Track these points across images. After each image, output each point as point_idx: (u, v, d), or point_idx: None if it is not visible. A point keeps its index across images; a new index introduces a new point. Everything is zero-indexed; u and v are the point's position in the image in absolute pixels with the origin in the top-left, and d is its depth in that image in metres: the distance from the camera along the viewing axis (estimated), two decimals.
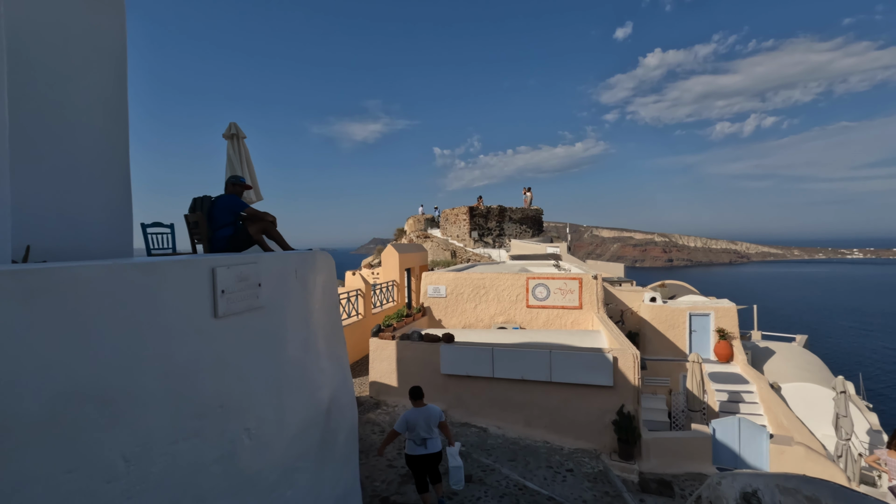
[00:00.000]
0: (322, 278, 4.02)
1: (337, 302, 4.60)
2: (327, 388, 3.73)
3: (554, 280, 12.54)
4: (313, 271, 3.77)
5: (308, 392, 3.35)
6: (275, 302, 3.02)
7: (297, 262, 3.38)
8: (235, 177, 5.22)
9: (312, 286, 3.70)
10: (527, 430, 8.81)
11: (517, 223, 34.41)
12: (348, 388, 4.49)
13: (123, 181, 3.76)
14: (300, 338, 3.33)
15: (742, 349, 14.59)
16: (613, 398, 8.28)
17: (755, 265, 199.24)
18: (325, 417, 3.57)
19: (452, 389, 9.33)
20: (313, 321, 3.64)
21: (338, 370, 4.15)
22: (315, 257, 3.87)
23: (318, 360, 3.62)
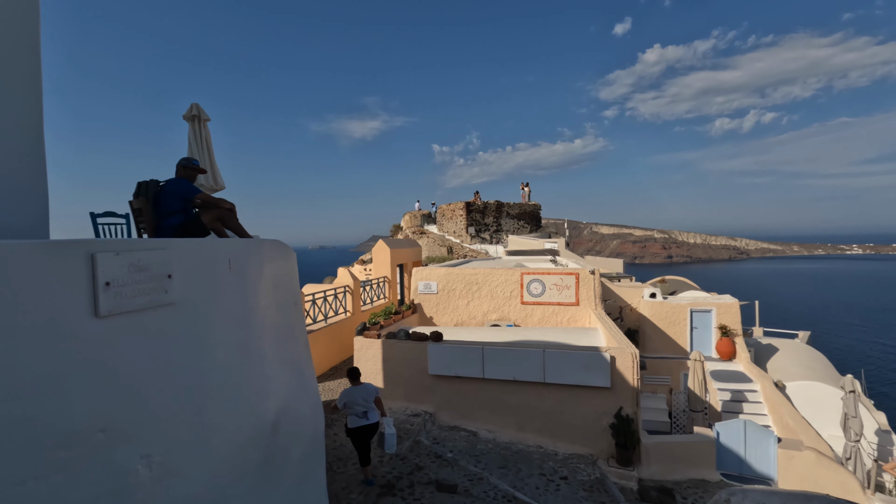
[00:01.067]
0: (272, 271, 3.49)
1: (296, 299, 4.07)
2: (275, 397, 3.20)
3: (549, 276, 12.01)
4: (258, 262, 3.24)
5: (245, 404, 2.82)
6: (195, 297, 2.49)
7: (231, 251, 2.85)
8: (187, 159, 4.68)
9: (256, 279, 3.16)
10: (519, 434, 8.30)
11: (515, 219, 33.86)
12: (309, 397, 3.96)
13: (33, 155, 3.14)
14: (235, 340, 2.80)
15: (745, 346, 14.08)
16: (611, 400, 7.76)
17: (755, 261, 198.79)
18: (269, 433, 3.04)
19: (441, 391, 8.82)
20: (257, 320, 3.11)
21: (293, 376, 3.62)
22: (261, 246, 3.33)
23: (262, 365, 3.09)
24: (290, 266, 4.07)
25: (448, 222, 33.55)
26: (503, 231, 32.92)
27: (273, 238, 4.02)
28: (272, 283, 3.48)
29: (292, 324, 3.86)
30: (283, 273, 3.75)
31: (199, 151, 5.87)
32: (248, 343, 2.99)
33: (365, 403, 6.05)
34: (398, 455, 7.14)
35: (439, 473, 6.69)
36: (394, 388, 9.16)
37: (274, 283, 3.53)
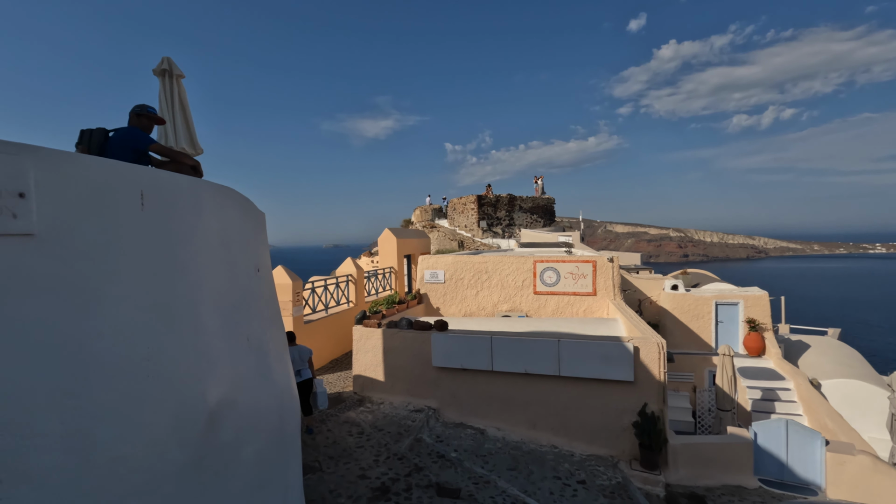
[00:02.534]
0: (220, 224, 2.78)
1: (259, 265, 3.36)
2: (217, 382, 2.49)
3: (565, 263, 11.20)
4: (194, 209, 2.53)
5: (162, 387, 2.12)
6: (74, 232, 1.80)
7: (146, 183, 2.14)
8: (141, 106, 4.01)
9: (189, 228, 2.46)
10: (531, 432, 7.53)
11: (528, 213, 32.97)
12: (273, 385, 3.25)
13: None
14: (148, 299, 2.10)
15: (775, 342, 13.11)
16: (634, 395, 6.96)
17: (773, 260, 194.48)
18: (204, 428, 2.33)
19: (445, 385, 8.08)
20: (190, 280, 2.41)
21: (248, 358, 2.91)
22: (200, 189, 2.62)
23: (195, 338, 2.38)
24: (252, 225, 3.37)
25: (459, 216, 32.79)
26: (516, 225, 32.07)
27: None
28: (219, 238, 2.78)
29: (252, 294, 3.15)
30: (237, 230, 3.05)
31: (170, 110, 5.21)
32: (173, 307, 2.28)
33: (300, 362, 6.90)
34: (395, 454, 6.43)
35: (441, 475, 5.95)
36: (395, 382, 8.45)
37: (222, 239, 2.82)
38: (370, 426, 7.36)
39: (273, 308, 3.65)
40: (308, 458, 6.21)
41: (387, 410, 8.01)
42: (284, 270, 9.71)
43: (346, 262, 12.73)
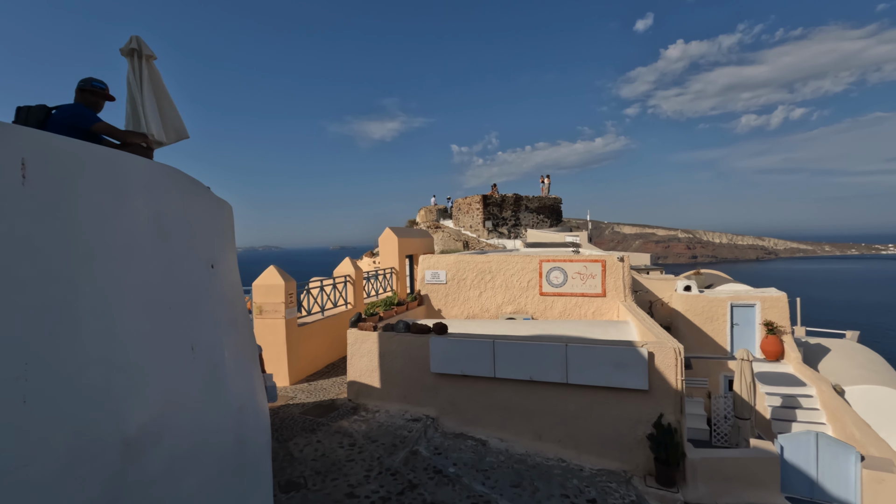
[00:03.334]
0: (156, 209, 2.30)
1: (214, 259, 2.87)
2: (141, 400, 2.00)
3: (572, 263, 10.65)
4: (113, 186, 2.04)
5: (48, 412, 1.63)
6: None
7: (24, 146, 1.64)
8: (86, 80, 3.55)
9: (103, 212, 1.96)
10: (536, 444, 6.99)
11: (534, 212, 32.40)
12: (229, 398, 2.75)
13: None
14: (25, 302, 1.61)
15: (794, 345, 12.47)
16: (649, 405, 6.40)
17: (784, 261, 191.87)
18: (119, 458, 1.84)
19: (445, 392, 7.56)
20: (102, 276, 1.92)
21: (193, 369, 2.41)
22: (120, 163, 2.12)
23: (108, 347, 1.89)
24: (206, 215, 2.87)
25: (464, 216, 32.28)
26: (522, 225, 31.50)
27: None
28: (153, 226, 2.28)
29: (201, 293, 2.65)
30: (181, 218, 2.55)
31: (139, 93, 4.74)
32: (73, 309, 1.78)
33: None
34: (389, 469, 5.91)
35: (436, 494, 5.43)
36: (391, 388, 7.94)
37: (159, 227, 2.32)
38: (363, 437, 6.85)
39: (234, 311, 3.15)
40: (293, 474, 5.72)
41: (382, 419, 7.50)
42: (277, 271, 9.24)
43: (344, 262, 12.25)
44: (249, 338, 3.41)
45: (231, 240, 3.73)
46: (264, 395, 3.58)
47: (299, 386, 9.14)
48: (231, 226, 3.61)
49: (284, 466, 5.90)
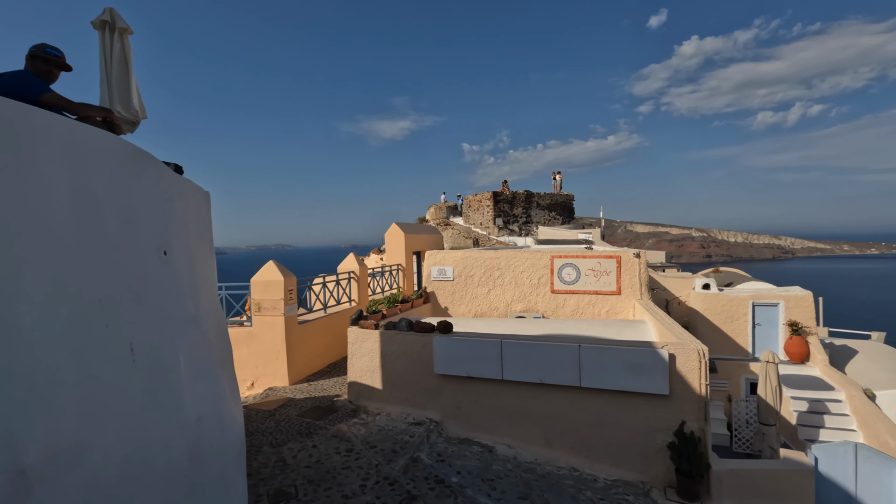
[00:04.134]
0: (74, 178, 1.87)
1: (168, 245, 2.46)
2: (43, 417, 1.59)
3: (585, 259, 10.14)
4: (10, 144, 1.62)
5: None
6: None
7: None
8: (41, 46, 3.16)
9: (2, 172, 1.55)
10: (547, 451, 6.53)
11: (545, 209, 31.81)
12: (181, 410, 2.33)
13: None
14: None
15: (821, 347, 11.81)
16: (669, 411, 5.90)
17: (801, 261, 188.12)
18: (9, 481, 1.43)
19: (449, 395, 7.13)
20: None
21: (130, 376, 2.00)
22: (34, 119, 1.71)
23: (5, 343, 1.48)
24: (158, 194, 2.46)
25: (474, 214, 31.80)
26: (533, 223, 30.93)
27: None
28: (81, 202, 1.87)
29: (148, 285, 2.24)
30: (124, 197, 2.14)
31: (108, 68, 4.37)
32: None
33: None
34: (387, 477, 5.49)
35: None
36: (393, 390, 7.53)
37: (89, 205, 1.91)
38: (362, 442, 6.44)
39: (197, 306, 2.74)
40: (284, 482, 5.33)
41: (383, 423, 7.09)
42: (276, 266, 8.87)
43: (348, 258, 11.86)
44: (218, 338, 3.00)
45: (206, 228, 3.32)
46: (238, 402, 3.17)
47: (299, 386, 8.76)
48: (207, 213, 3.21)
49: (276, 474, 5.51)
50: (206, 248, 3.18)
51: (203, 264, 3.04)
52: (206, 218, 3.24)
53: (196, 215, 3.02)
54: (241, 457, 3.02)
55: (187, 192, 2.89)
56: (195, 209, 3.02)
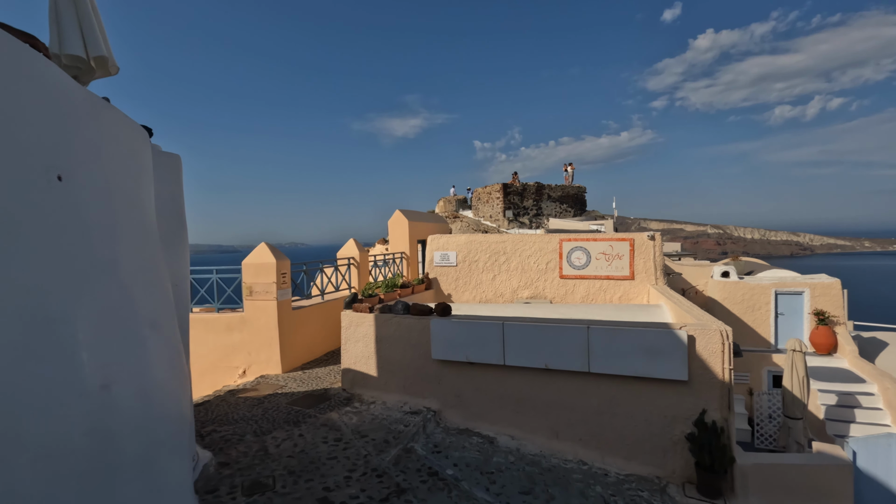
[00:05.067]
0: None
1: (65, 168, 1.98)
2: None
3: (596, 242, 9.55)
4: None
5: None
6: None
7: None
8: None
9: None
10: (553, 442, 5.99)
11: (557, 202, 31.13)
12: (81, 363, 1.85)
13: None
14: None
15: (850, 338, 11.09)
16: (688, 399, 5.33)
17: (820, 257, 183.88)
18: None
19: (448, 382, 6.62)
20: None
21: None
22: None
23: None
24: (64, 106, 1.97)
25: (484, 206, 31.24)
26: (544, 215, 30.29)
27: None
28: None
29: (22, 216, 1.75)
30: None
31: (54, 8, 3.92)
32: None
33: None
34: (375, 469, 5.00)
35: (427, 502, 4.50)
36: (389, 377, 7.05)
37: None
38: (352, 431, 5.97)
39: (119, 254, 2.26)
40: (263, 472, 4.87)
41: (377, 412, 6.61)
42: (268, 248, 8.44)
43: (348, 243, 11.41)
44: (153, 297, 2.53)
45: (145, 172, 2.85)
46: (181, 374, 2.70)
47: (293, 374, 8.33)
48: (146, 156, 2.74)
49: (255, 464, 5.05)
50: (145, 194, 2.72)
51: (137, 211, 2.58)
52: (145, 162, 2.77)
53: (126, 152, 2.55)
54: (179, 439, 2.56)
55: (109, 120, 2.41)
56: (126, 145, 2.55)
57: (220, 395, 7.34)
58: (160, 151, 4.69)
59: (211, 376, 8.50)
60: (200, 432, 5.92)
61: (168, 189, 4.66)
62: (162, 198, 4.57)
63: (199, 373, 8.64)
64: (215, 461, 5.14)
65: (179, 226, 4.79)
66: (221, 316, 8.53)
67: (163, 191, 4.59)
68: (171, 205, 4.71)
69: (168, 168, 4.72)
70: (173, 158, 4.82)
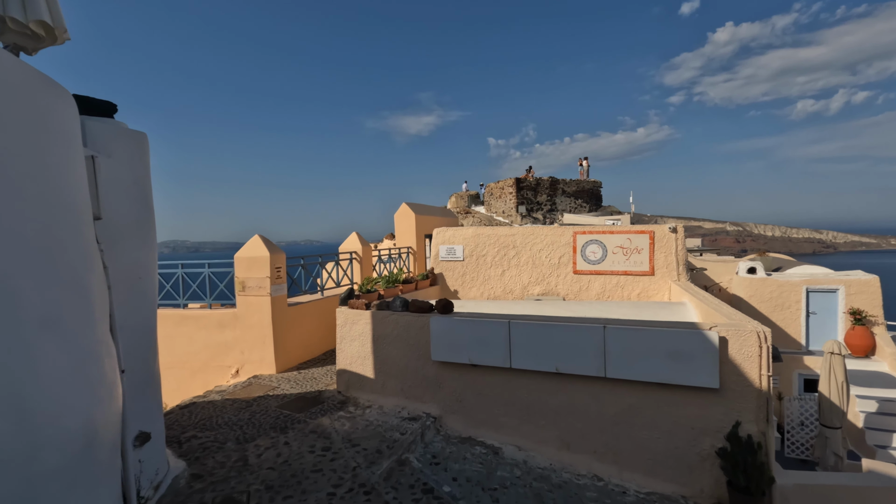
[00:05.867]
0: None
1: None
2: None
3: (613, 235, 8.90)
4: None
5: None
6: None
7: None
8: None
9: None
10: (564, 454, 5.39)
11: (571, 197, 30.32)
12: None
13: None
14: None
15: (889, 339, 10.25)
16: (720, 409, 4.69)
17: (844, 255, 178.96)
18: None
19: (449, 385, 6.06)
20: None
21: None
22: None
23: None
24: None
25: (496, 202, 30.57)
26: (558, 210, 29.50)
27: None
28: None
29: None
30: None
31: None
32: None
33: None
34: (363, 484, 4.46)
35: None
36: (386, 380, 6.51)
37: None
38: (343, 439, 5.44)
39: None
40: (238, 487, 4.36)
41: (372, 417, 6.07)
42: (262, 240, 7.96)
43: (350, 237, 10.90)
44: (45, 283, 2.01)
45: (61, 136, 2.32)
46: (89, 381, 2.17)
47: (287, 375, 7.84)
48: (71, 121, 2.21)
49: (231, 476, 4.55)
50: (57, 163, 2.20)
51: (38, 184, 2.06)
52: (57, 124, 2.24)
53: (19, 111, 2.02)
54: (85, 467, 2.03)
55: None
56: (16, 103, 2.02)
57: (207, 397, 6.89)
58: (123, 130, 4.20)
59: (203, 376, 8.07)
60: (179, 438, 5.45)
61: (130, 172, 4.17)
62: (123, 181, 4.09)
63: (191, 372, 8.21)
64: (188, 472, 4.66)
65: (144, 212, 4.29)
66: (213, 312, 8.08)
67: (124, 174, 4.11)
68: (135, 189, 4.21)
69: (131, 148, 4.22)
70: (138, 137, 4.32)
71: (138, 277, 4.15)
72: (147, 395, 4.25)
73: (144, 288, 4.20)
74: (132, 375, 3.89)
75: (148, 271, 4.28)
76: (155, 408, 4.35)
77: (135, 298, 4.08)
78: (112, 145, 4.01)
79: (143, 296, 4.17)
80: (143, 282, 4.18)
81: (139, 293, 4.14)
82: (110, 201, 3.85)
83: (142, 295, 4.16)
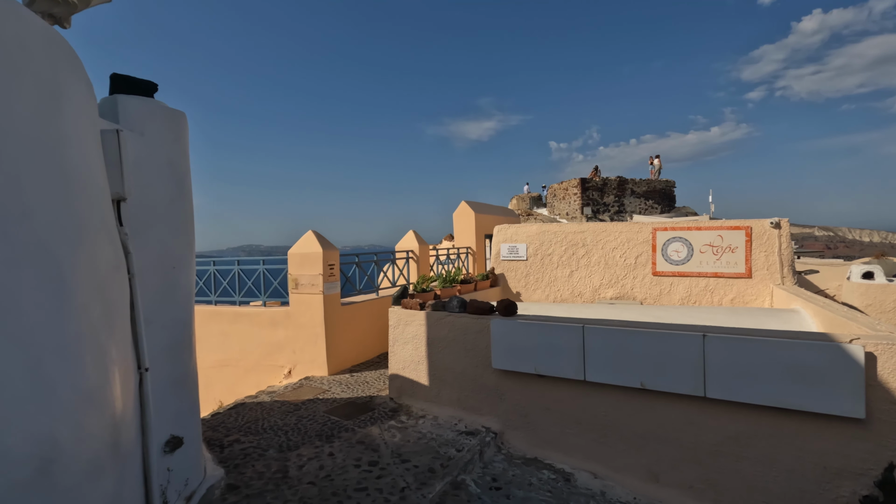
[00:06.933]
0: None
1: None
2: None
3: (700, 232, 7.79)
4: None
5: None
6: None
7: None
8: None
9: None
10: (651, 487, 4.50)
11: (641, 198, 28.50)
12: None
13: None
14: None
15: None
16: (864, 446, 3.65)
17: None
18: None
19: (513, 397, 5.33)
20: None
21: None
22: None
23: None
24: None
25: (560, 203, 29.34)
26: (627, 212, 27.81)
27: None
28: None
29: None
30: None
31: None
32: None
33: None
34: None
35: None
36: (441, 387, 5.89)
37: None
38: (392, 453, 4.87)
39: None
40: (272, 503, 3.89)
41: (425, 428, 5.47)
42: (315, 236, 7.64)
43: (407, 235, 10.44)
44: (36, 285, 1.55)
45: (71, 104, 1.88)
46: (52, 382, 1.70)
47: (339, 377, 7.44)
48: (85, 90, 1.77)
49: (267, 490, 4.10)
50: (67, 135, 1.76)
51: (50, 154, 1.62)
52: (67, 91, 1.81)
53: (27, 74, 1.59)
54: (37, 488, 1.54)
55: None
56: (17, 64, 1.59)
57: (258, 398, 6.59)
58: (157, 106, 3.87)
59: (255, 375, 7.85)
60: (223, 442, 5.12)
61: (164, 151, 3.83)
62: (156, 161, 3.76)
63: (245, 370, 8.03)
64: (224, 482, 4.26)
65: (179, 196, 3.93)
66: (266, 310, 7.86)
67: (158, 153, 3.78)
68: (169, 170, 3.87)
69: (166, 127, 3.89)
70: (174, 115, 3.98)
71: (171, 267, 3.80)
72: (180, 396, 3.88)
73: (178, 278, 3.85)
74: (161, 374, 3.51)
75: (182, 261, 3.92)
76: (188, 410, 3.98)
77: (166, 290, 3.73)
78: (145, 122, 3.69)
79: (175, 287, 3.82)
80: (176, 271, 3.83)
81: (171, 284, 3.78)
82: (140, 182, 3.50)
83: (174, 286, 3.80)
